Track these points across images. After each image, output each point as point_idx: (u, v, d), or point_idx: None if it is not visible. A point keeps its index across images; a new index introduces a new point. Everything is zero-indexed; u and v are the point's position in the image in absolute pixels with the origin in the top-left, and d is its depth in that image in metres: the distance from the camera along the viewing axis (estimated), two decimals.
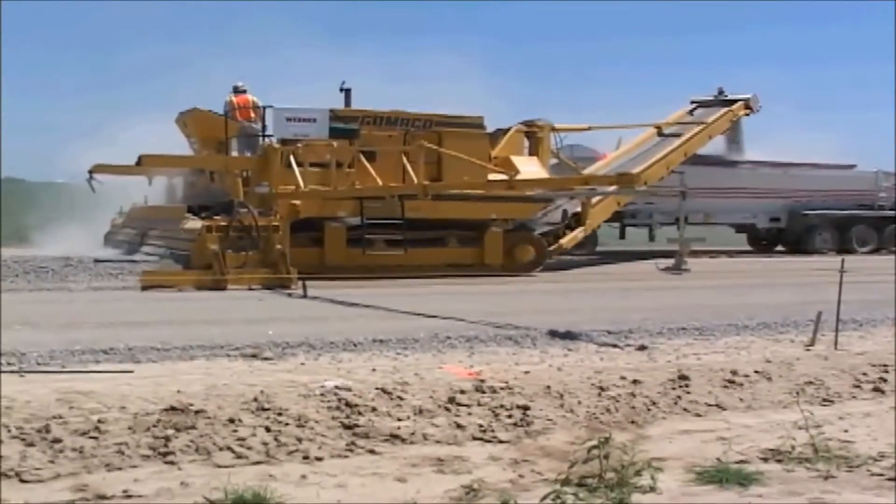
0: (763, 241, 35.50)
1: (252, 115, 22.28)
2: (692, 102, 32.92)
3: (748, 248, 35.80)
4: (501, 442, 7.55)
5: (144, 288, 17.10)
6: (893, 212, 34.91)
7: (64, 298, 15.89)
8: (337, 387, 8.39)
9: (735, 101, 31.81)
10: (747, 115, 32.15)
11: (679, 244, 25.66)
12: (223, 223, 18.96)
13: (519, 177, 20.53)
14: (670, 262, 24.64)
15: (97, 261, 19.44)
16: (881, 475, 6.77)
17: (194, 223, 19.72)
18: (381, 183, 19.62)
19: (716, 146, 31.91)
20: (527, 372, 9.52)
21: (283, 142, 20.85)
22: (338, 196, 20.30)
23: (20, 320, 12.47)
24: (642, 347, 11.53)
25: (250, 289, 17.80)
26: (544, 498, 6.00)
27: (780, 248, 35.05)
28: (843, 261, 12.33)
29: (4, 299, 15.18)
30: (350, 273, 19.99)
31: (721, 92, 32.56)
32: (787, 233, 34.19)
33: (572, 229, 25.16)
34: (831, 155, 35.67)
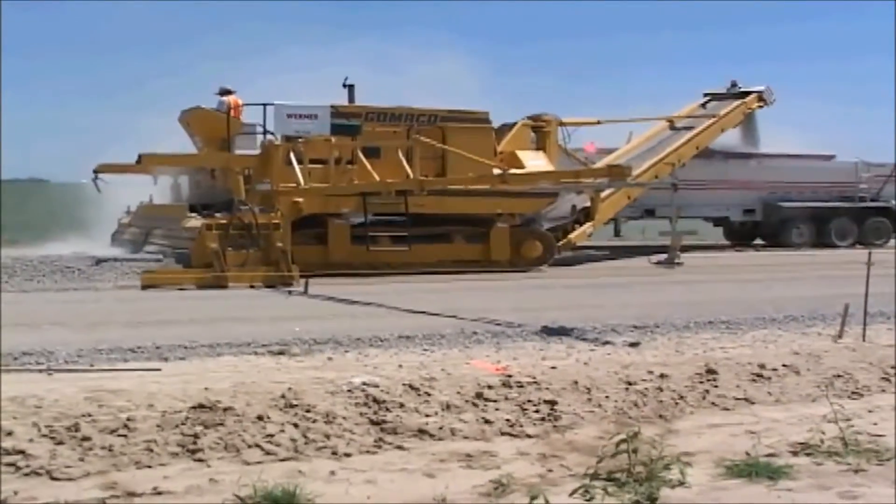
0: (740, 236, 34.11)
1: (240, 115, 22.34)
2: (705, 95, 32.47)
3: (723, 242, 34.36)
4: (529, 437, 7.55)
5: (144, 287, 17.13)
6: (875, 203, 33.58)
7: (90, 298, 15.95)
8: (364, 383, 8.39)
9: (748, 93, 31.41)
10: (761, 107, 31.75)
11: (671, 238, 25.13)
12: (223, 221, 18.92)
13: (525, 171, 20.51)
14: (663, 256, 24.16)
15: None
16: None
17: (195, 222, 19.67)
18: (378, 179, 19.27)
19: (731, 139, 31.49)
20: (554, 367, 9.51)
21: (287, 138, 20.82)
22: (337, 192, 20.16)
23: (48, 320, 12.54)
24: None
25: (251, 287, 17.76)
26: (573, 492, 6.01)
27: (758, 241, 33.72)
28: (869, 253, 12.28)
29: (31, 299, 15.30)
30: (354, 270, 19.83)
31: (734, 84, 32.11)
32: (763, 226, 33.00)
33: (581, 224, 24.78)
34: (812, 146, 34.21)
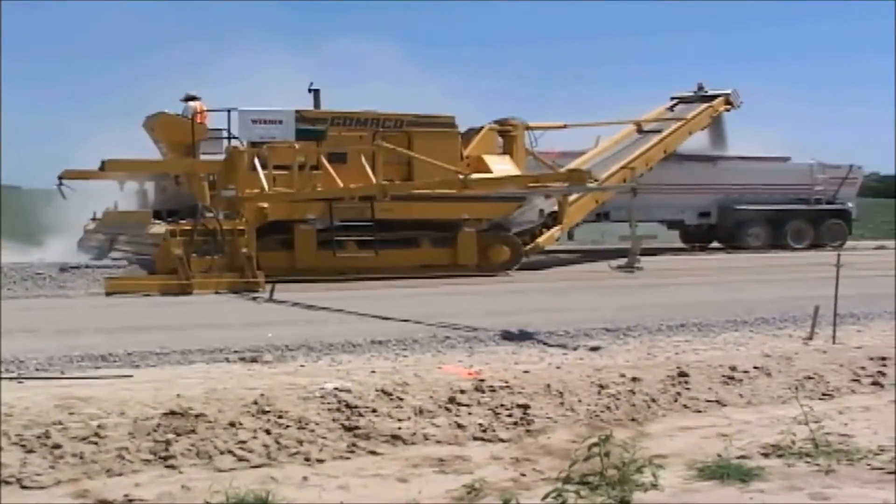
0: (696, 239, 33.77)
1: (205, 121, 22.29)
2: (672, 98, 32.64)
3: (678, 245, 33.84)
4: (502, 441, 7.55)
5: (109, 293, 17.03)
6: (831, 205, 33.52)
7: (61, 305, 15.87)
8: (337, 388, 8.38)
9: (715, 96, 31.56)
10: (728, 110, 31.87)
11: (631, 242, 24.92)
12: (187, 227, 18.80)
13: (484, 175, 20.62)
14: (623, 260, 24.07)
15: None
16: (881, 469, 6.78)
17: (159, 228, 19.53)
18: (341, 184, 19.36)
19: (700, 142, 31.47)
20: (526, 371, 9.52)
21: (253, 144, 20.72)
22: (300, 198, 20.15)
23: (19, 327, 12.45)
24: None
25: (217, 293, 17.71)
26: (546, 496, 6.01)
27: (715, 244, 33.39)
28: (839, 255, 12.36)
29: (3, 306, 15.16)
30: (320, 276, 19.83)
31: (701, 88, 32.26)
32: (719, 228, 32.71)
33: (549, 228, 24.74)
34: (772, 148, 34.09)
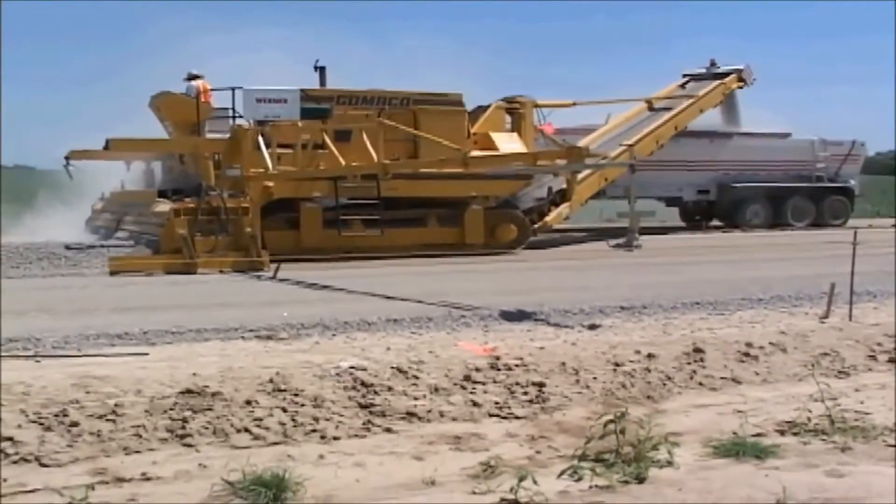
0: (695, 216, 33.52)
1: (209, 99, 22.29)
2: (684, 76, 32.41)
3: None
4: (518, 418, 7.56)
5: (113, 273, 17.07)
6: (833, 183, 33.13)
7: (77, 284, 15.91)
8: (352, 367, 8.40)
9: (727, 73, 31.31)
10: (741, 87, 31.60)
11: (629, 220, 24.83)
12: (191, 206, 18.80)
13: (484, 154, 20.67)
14: (621, 239, 24.00)
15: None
16: None
17: (163, 207, 19.52)
18: (343, 162, 19.25)
19: (713, 119, 31.27)
20: (542, 348, 9.53)
21: (259, 123, 20.68)
22: (303, 176, 20.13)
23: (35, 306, 12.50)
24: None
25: (221, 272, 17.72)
26: (561, 473, 6.03)
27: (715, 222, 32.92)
28: (855, 232, 12.32)
29: (19, 286, 15.24)
30: (326, 255, 19.84)
31: (713, 64, 31.97)
32: (717, 206, 32.28)
33: (557, 206, 24.55)
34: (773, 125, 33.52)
